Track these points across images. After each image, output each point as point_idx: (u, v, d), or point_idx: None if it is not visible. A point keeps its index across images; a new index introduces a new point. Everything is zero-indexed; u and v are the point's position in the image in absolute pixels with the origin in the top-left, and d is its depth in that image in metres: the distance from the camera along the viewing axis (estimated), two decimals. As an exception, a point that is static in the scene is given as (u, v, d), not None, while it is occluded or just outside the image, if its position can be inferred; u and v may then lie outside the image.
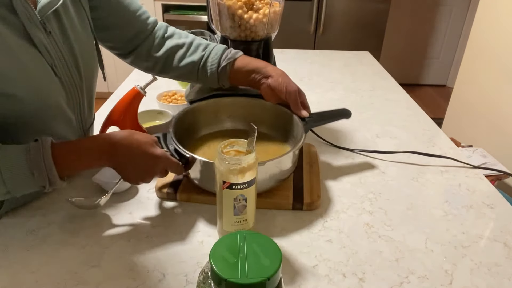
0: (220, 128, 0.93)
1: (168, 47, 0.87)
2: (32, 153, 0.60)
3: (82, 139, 0.69)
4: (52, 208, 0.75)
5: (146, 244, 0.68)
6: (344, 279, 0.63)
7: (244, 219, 0.64)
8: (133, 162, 0.67)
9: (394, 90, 1.41)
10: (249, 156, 0.59)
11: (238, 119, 0.93)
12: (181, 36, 0.90)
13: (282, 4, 0.93)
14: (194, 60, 0.86)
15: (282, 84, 0.82)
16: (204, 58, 0.86)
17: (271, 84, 0.82)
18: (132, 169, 0.67)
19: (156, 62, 0.88)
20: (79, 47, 0.74)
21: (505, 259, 0.68)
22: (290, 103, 0.83)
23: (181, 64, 0.87)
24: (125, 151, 0.66)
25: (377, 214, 0.77)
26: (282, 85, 0.81)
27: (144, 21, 0.87)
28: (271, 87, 0.82)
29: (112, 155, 0.65)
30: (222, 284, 0.38)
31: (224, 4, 0.89)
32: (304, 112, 0.83)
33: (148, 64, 0.89)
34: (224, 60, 0.85)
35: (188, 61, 0.87)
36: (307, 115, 0.83)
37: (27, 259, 0.64)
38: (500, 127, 1.95)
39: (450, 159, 0.96)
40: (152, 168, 0.68)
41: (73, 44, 0.73)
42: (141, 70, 0.92)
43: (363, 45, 2.76)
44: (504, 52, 1.93)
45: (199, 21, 2.93)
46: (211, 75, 0.86)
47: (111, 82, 3.22)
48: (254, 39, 0.93)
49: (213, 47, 0.87)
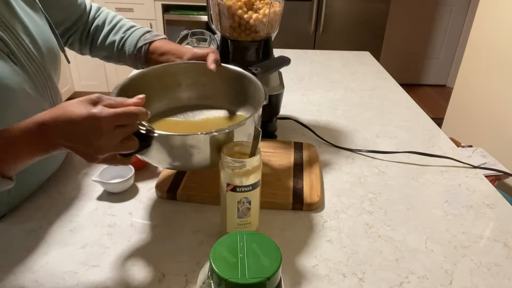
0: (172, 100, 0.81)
1: (94, 26, 0.90)
2: None
3: (13, 126, 0.54)
4: (52, 208, 0.75)
5: (146, 244, 0.68)
6: (344, 279, 0.63)
7: (248, 221, 0.64)
8: (71, 137, 0.53)
9: (394, 90, 1.41)
10: (253, 159, 0.59)
11: (191, 89, 0.83)
12: (108, 15, 0.92)
13: (282, 4, 0.93)
14: (114, 40, 0.89)
15: (195, 54, 0.80)
16: (124, 38, 0.89)
17: (188, 57, 0.81)
18: (78, 145, 0.54)
19: (86, 44, 0.91)
20: (35, 29, 0.72)
21: (505, 259, 0.68)
22: (208, 59, 0.78)
23: (104, 43, 0.90)
24: (55, 129, 0.53)
25: (377, 214, 0.77)
26: (196, 53, 0.80)
27: (83, 9, 0.89)
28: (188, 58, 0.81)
29: (45, 140, 0.54)
30: (222, 284, 0.38)
31: (224, 4, 0.89)
32: (213, 65, 0.76)
33: (81, 46, 0.92)
34: (141, 41, 0.87)
35: (110, 41, 0.89)
36: (214, 68, 0.76)
37: (27, 259, 0.64)
38: (500, 127, 1.94)
39: (450, 159, 0.96)
40: (96, 133, 0.52)
41: (28, 26, 0.70)
42: (77, 52, 0.94)
43: (363, 45, 2.76)
44: (504, 52, 1.93)
45: (199, 21, 2.93)
46: (129, 56, 0.88)
47: (111, 82, 3.22)
48: (254, 39, 0.93)
49: (136, 29, 0.90)
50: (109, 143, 0.54)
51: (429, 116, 1.22)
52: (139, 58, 0.88)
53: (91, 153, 0.55)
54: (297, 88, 1.39)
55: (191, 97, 0.83)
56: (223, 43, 0.96)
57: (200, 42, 1.39)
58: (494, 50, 2.01)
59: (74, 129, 0.52)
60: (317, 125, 1.12)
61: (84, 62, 3.10)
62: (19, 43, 0.67)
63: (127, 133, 0.56)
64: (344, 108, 1.24)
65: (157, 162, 0.66)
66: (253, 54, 0.97)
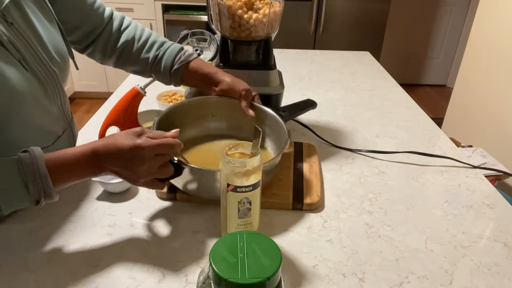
0: (204, 130, 0.91)
1: (123, 41, 0.89)
2: (25, 164, 0.57)
3: (69, 150, 0.63)
4: (52, 208, 0.75)
5: (146, 244, 0.68)
6: (344, 279, 0.63)
7: (248, 222, 0.64)
8: (119, 163, 0.62)
9: (394, 90, 1.41)
10: (254, 159, 0.59)
11: (222, 120, 0.92)
12: (136, 29, 0.90)
13: (282, 4, 0.93)
14: (148, 57, 0.89)
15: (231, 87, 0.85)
16: (158, 57, 0.89)
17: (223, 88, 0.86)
18: (123, 170, 0.63)
19: (111, 56, 0.90)
20: (47, 36, 0.72)
21: (505, 259, 0.68)
22: (241, 103, 0.85)
23: (135, 60, 0.89)
24: (106, 156, 0.62)
25: (377, 214, 0.77)
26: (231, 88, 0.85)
27: (101, 15, 0.87)
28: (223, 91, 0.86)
29: (96, 165, 0.62)
30: (222, 284, 0.38)
31: (224, 4, 0.89)
32: (251, 111, 0.85)
33: (104, 57, 0.91)
34: (177, 63, 0.87)
35: (142, 58, 0.89)
36: (253, 114, 0.85)
37: (27, 259, 0.64)
38: (500, 127, 1.94)
39: (450, 159, 0.96)
40: (139, 160, 0.61)
41: (40, 33, 0.71)
42: (98, 62, 0.93)
43: (363, 45, 2.76)
44: (504, 52, 1.93)
45: (199, 21, 2.92)
46: (163, 74, 0.89)
47: (111, 82, 3.22)
48: (254, 39, 0.93)
49: (168, 46, 0.89)
50: (150, 169, 0.63)
51: (429, 116, 1.22)
52: (175, 79, 0.89)
53: (134, 177, 0.63)
54: (297, 88, 1.39)
55: (220, 127, 0.92)
56: (223, 43, 0.96)
57: (200, 42, 1.39)
58: (494, 50, 2.01)
59: (122, 156, 0.61)
60: (317, 125, 1.12)
61: (84, 62, 3.09)
62: (31, 49, 0.68)
63: (164, 161, 0.65)
64: (344, 108, 1.24)
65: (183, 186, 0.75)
66: (253, 54, 0.97)
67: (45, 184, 0.58)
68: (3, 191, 0.56)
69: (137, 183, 0.65)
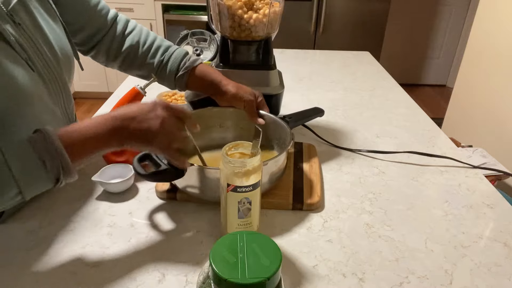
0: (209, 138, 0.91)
1: (127, 45, 0.88)
2: (38, 142, 0.55)
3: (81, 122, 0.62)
4: (52, 208, 0.75)
5: (146, 244, 0.68)
6: (344, 279, 0.63)
7: (248, 222, 0.64)
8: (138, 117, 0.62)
9: (394, 90, 1.41)
10: (254, 159, 0.59)
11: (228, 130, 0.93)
12: (141, 33, 0.90)
13: (282, 4, 0.93)
14: (153, 63, 0.89)
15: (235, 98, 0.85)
16: (163, 62, 0.88)
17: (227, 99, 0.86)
18: (141, 133, 0.62)
19: (116, 59, 0.90)
20: (53, 36, 0.73)
21: (505, 259, 0.68)
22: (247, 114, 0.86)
23: (140, 65, 0.89)
24: (124, 115, 0.62)
25: (377, 214, 0.77)
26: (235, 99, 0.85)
27: (104, 17, 0.87)
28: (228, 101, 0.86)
29: (116, 129, 0.61)
30: (222, 284, 0.38)
31: (224, 4, 0.89)
32: (260, 119, 0.86)
33: (109, 60, 0.91)
34: (182, 69, 0.87)
35: (147, 63, 0.89)
36: (263, 122, 0.85)
37: (27, 259, 0.64)
38: (500, 127, 1.95)
39: (450, 159, 0.96)
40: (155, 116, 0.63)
41: (47, 34, 0.71)
42: (102, 64, 0.93)
43: (363, 45, 2.76)
44: (504, 52, 1.93)
45: (199, 21, 2.92)
46: (168, 80, 0.89)
47: (111, 82, 3.22)
48: (254, 39, 0.93)
49: (173, 51, 0.89)
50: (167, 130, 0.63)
51: (429, 116, 1.22)
52: (180, 84, 0.89)
53: (152, 138, 0.62)
54: (297, 88, 1.39)
55: (226, 137, 0.92)
56: (223, 43, 0.96)
57: (200, 42, 1.39)
58: (494, 50, 2.01)
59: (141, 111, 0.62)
60: (317, 125, 1.12)
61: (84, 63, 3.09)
62: (37, 50, 0.68)
63: (179, 133, 0.66)
64: (344, 108, 1.24)
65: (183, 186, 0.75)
66: (253, 54, 0.97)
67: (62, 159, 0.56)
68: (22, 171, 0.55)
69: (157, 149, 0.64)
